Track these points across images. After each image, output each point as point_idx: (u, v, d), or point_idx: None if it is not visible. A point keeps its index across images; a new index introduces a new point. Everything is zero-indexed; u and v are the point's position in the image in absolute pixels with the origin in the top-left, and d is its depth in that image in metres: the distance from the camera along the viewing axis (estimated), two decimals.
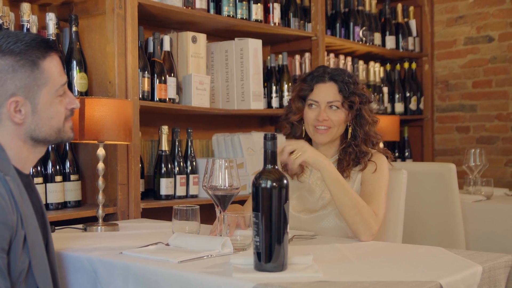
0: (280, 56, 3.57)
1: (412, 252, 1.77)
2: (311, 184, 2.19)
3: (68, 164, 2.54)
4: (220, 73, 3.23)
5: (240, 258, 1.53)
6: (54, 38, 2.47)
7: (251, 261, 1.48)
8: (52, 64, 1.57)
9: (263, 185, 1.46)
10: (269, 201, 1.45)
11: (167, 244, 1.79)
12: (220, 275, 1.46)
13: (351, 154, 2.14)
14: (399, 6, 4.53)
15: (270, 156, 1.50)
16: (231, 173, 1.86)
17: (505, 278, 1.63)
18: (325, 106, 2.14)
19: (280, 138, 3.07)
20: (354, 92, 2.15)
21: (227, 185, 1.85)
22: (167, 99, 2.84)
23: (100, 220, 2.23)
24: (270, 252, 1.44)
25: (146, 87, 2.74)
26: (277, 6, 3.39)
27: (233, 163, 1.88)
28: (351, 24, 4.02)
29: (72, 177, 2.54)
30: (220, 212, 1.87)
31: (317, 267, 1.48)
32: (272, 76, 3.48)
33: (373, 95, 2.28)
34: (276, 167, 1.50)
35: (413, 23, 4.61)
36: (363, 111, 2.16)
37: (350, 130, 2.17)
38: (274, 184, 1.46)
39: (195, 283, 1.46)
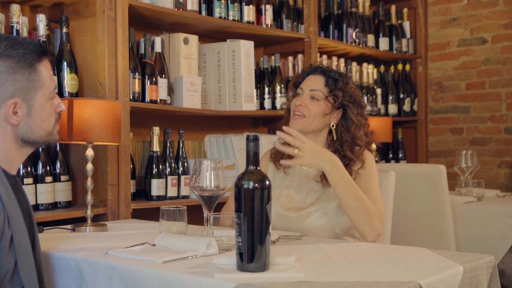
0: (273, 57, 3.58)
1: (396, 253, 1.78)
2: (300, 182, 2.20)
3: (58, 164, 2.55)
4: (212, 75, 3.24)
5: (223, 259, 1.54)
6: (44, 40, 2.48)
7: (234, 262, 1.49)
8: (45, 68, 1.61)
9: (245, 186, 1.47)
10: (251, 202, 1.46)
11: (153, 245, 1.80)
12: (202, 275, 1.47)
13: None
14: (393, 8, 4.55)
15: (253, 157, 1.51)
16: (218, 174, 1.87)
17: (487, 278, 1.64)
18: (307, 93, 2.15)
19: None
20: (340, 88, 2.14)
21: (213, 186, 1.86)
22: (158, 100, 2.85)
23: (89, 221, 2.24)
24: (252, 253, 1.45)
25: (137, 88, 2.75)
26: (269, 8, 3.40)
27: (220, 164, 1.89)
28: (344, 25, 4.04)
29: (63, 177, 2.55)
30: (207, 214, 1.89)
31: (299, 267, 1.49)
32: (264, 78, 3.49)
33: (365, 100, 2.25)
34: (259, 168, 1.51)
35: (407, 25, 4.63)
36: (349, 111, 2.13)
37: (333, 131, 2.15)
38: (256, 185, 1.46)
39: (177, 283, 1.47)
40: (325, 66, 2.23)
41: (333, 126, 2.16)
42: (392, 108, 4.49)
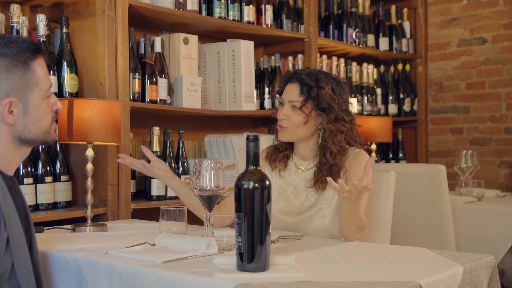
0: (273, 57, 3.58)
1: (396, 253, 1.78)
2: (297, 186, 2.19)
3: (58, 164, 2.55)
4: (212, 75, 3.24)
5: (223, 258, 1.54)
6: (44, 40, 2.48)
7: (234, 262, 1.49)
8: (40, 66, 1.60)
9: (245, 186, 1.47)
10: (251, 201, 1.46)
11: (153, 245, 1.80)
12: (202, 275, 1.47)
13: (325, 165, 2.11)
14: (393, 8, 4.55)
15: (253, 157, 1.51)
16: (218, 174, 1.87)
17: (487, 278, 1.64)
18: (288, 105, 2.15)
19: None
20: (313, 96, 2.10)
21: (213, 186, 1.86)
22: (158, 100, 2.85)
23: (89, 221, 2.24)
24: (252, 253, 1.45)
25: (137, 88, 2.75)
26: (269, 8, 3.40)
27: (220, 164, 1.89)
28: (344, 25, 4.04)
29: (63, 177, 2.55)
30: (207, 214, 1.89)
31: (299, 267, 1.49)
32: (264, 78, 3.49)
33: (349, 105, 2.21)
34: (259, 168, 1.51)
35: (407, 25, 4.63)
36: (322, 119, 2.11)
37: (320, 136, 2.14)
38: (256, 185, 1.46)
39: (177, 282, 1.47)
40: (302, 70, 2.21)
41: (320, 130, 2.14)
42: (392, 108, 4.49)
